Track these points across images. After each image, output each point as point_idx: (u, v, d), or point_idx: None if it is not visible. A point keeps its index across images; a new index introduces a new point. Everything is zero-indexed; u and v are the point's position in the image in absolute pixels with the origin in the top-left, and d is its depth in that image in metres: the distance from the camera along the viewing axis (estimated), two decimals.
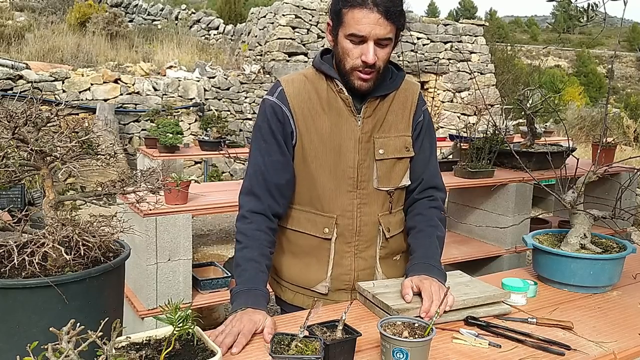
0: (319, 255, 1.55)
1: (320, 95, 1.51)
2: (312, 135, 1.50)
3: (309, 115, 1.50)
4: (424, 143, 1.62)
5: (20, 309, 0.97)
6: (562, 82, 14.28)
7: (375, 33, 1.36)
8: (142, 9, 12.92)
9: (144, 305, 2.70)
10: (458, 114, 10.68)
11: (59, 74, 7.31)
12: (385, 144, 1.53)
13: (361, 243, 1.56)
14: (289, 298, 1.62)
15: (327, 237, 1.53)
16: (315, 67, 1.54)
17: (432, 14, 45.68)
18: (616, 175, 4.00)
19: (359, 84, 1.45)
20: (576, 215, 1.68)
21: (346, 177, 1.51)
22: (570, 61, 33.80)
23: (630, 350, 1.28)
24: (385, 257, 1.60)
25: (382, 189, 1.55)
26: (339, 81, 1.48)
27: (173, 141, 5.05)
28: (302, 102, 1.50)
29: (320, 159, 1.51)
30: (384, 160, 1.54)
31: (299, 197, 1.55)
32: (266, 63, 9.37)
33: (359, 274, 1.57)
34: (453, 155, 4.17)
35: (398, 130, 1.56)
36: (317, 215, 1.53)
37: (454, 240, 3.98)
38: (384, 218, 1.57)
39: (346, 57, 1.42)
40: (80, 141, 1.08)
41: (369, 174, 1.53)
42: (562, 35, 14.54)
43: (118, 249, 1.16)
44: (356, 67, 1.42)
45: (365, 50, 1.39)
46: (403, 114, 1.57)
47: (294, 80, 1.53)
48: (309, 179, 1.52)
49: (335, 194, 1.52)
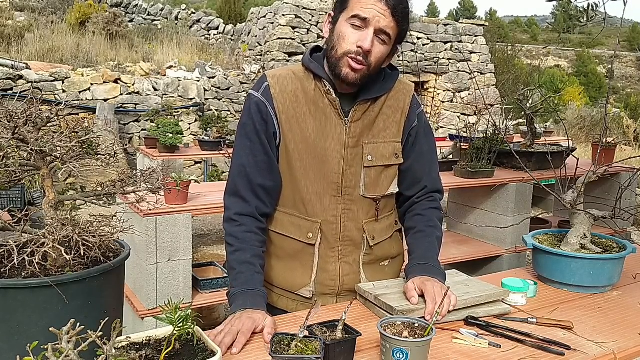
0: (303, 260, 1.52)
1: (307, 95, 1.46)
2: (296, 137, 1.46)
3: (293, 116, 1.45)
4: (423, 148, 1.58)
5: (20, 309, 0.97)
6: (562, 82, 14.27)
7: (378, 21, 1.34)
8: (142, 9, 12.92)
9: (144, 305, 2.70)
10: (458, 114, 10.68)
11: (59, 74, 7.31)
12: (374, 150, 1.49)
13: (345, 248, 1.52)
14: (273, 301, 1.57)
15: (310, 243, 1.49)
16: (305, 65, 1.48)
17: (432, 14, 45.68)
18: (616, 175, 4.00)
19: (346, 71, 1.38)
20: (576, 215, 1.68)
21: (330, 182, 1.47)
22: (570, 61, 33.80)
23: (630, 350, 1.28)
24: (369, 263, 1.57)
25: (368, 197, 1.51)
26: (327, 82, 1.44)
27: (173, 141, 5.05)
28: (288, 102, 1.45)
29: (305, 162, 1.46)
30: (373, 168, 1.49)
31: (284, 199, 1.52)
32: (266, 63, 9.37)
33: (344, 279, 1.53)
34: (453, 155, 4.17)
35: (387, 136, 1.51)
36: (302, 219, 1.50)
37: (454, 240, 3.98)
38: (368, 225, 1.53)
39: (341, 42, 1.37)
40: (80, 141, 1.08)
41: (355, 181, 1.49)
42: (562, 35, 14.54)
43: (118, 249, 1.16)
44: (349, 53, 1.36)
45: (363, 36, 1.35)
46: (394, 119, 1.52)
47: (281, 77, 1.48)
48: (293, 182, 1.48)
49: (320, 198, 1.48)
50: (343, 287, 1.54)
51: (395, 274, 1.65)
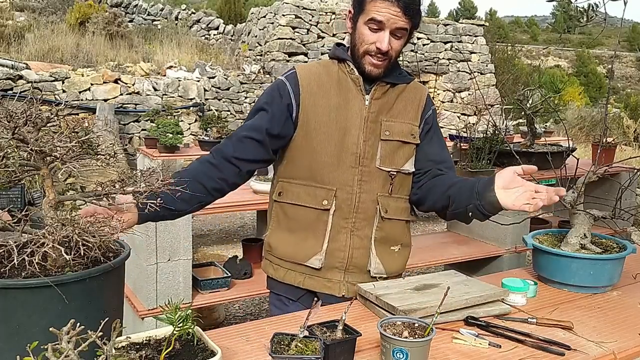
0: (315, 229, 1.57)
1: (331, 76, 1.59)
2: (318, 110, 1.55)
3: (317, 92, 1.56)
4: (438, 137, 1.68)
5: (20, 309, 0.97)
6: (562, 82, 14.25)
7: (393, 23, 1.46)
8: (142, 9, 12.92)
9: (144, 305, 2.70)
10: (458, 114, 10.68)
11: (59, 74, 7.31)
12: (391, 127, 1.58)
13: (358, 220, 1.57)
14: (280, 276, 1.64)
15: (325, 208, 1.55)
16: (330, 55, 1.63)
17: (432, 14, 45.68)
18: (616, 175, 4.00)
19: (369, 69, 1.53)
20: (576, 215, 1.69)
21: (349, 153, 1.55)
22: (570, 61, 33.81)
23: (630, 350, 1.29)
24: (381, 240, 1.60)
25: (384, 169, 1.57)
26: (350, 62, 1.56)
27: (173, 141, 5.05)
28: (313, 81, 1.57)
29: (325, 133, 1.55)
30: (389, 142, 1.57)
31: (299, 172, 1.58)
32: (266, 63, 9.37)
33: (354, 252, 1.57)
34: (453, 155, 4.17)
35: (406, 118, 1.61)
36: (317, 188, 1.56)
37: (454, 240, 3.98)
38: (382, 198, 1.58)
39: (362, 42, 1.51)
40: (80, 141, 1.08)
41: (373, 152, 1.56)
42: (562, 35, 14.53)
43: (118, 249, 1.16)
44: (369, 52, 1.50)
45: (380, 38, 1.47)
46: (412, 105, 1.63)
47: (308, 65, 1.65)
48: (310, 152, 1.55)
49: (337, 167, 1.55)
50: (352, 262, 1.57)
51: (402, 264, 1.67)
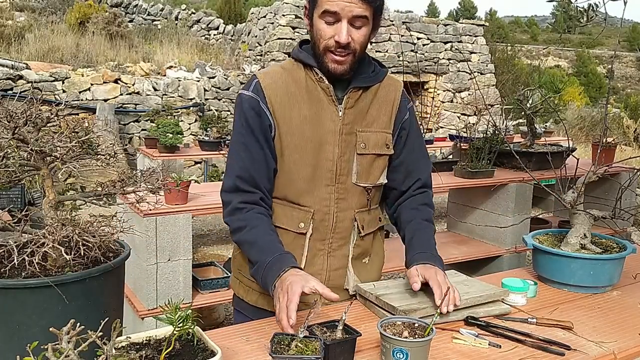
0: (292, 253, 1.47)
1: (299, 84, 1.45)
2: (290, 127, 1.44)
3: (287, 106, 1.44)
4: (415, 143, 1.59)
5: (20, 309, 0.97)
6: (562, 82, 14.26)
7: (349, 10, 1.33)
8: (142, 9, 12.92)
9: (144, 305, 2.70)
10: (458, 114, 10.68)
11: (59, 74, 7.30)
12: (366, 139, 1.49)
13: (335, 241, 1.51)
14: (252, 300, 1.54)
15: (302, 232, 1.47)
16: (294, 56, 1.49)
17: (432, 14, 45.66)
18: (616, 175, 4.00)
19: (333, 66, 1.40)
20: (576, 215, 1.68)
21: (325, 170, 1.46)
22: (570, 61, 33.79)
23: (630, 350, 1.28)
24: (357, 257, 1.56)
25: (360, 185, 1.50)
26: (317, 69, 1.44)
27: (173, 141, 5.05)
28: (279, 93, 1.44)
29: (299, 151, 1.44)
30: (365, 155, 1.49)
31: (276, 190, 1.49)
32: (266, 63, 9.37)
33: (331, 274, 1.52)
34: (453, 155, 4.17)
35: (379, 126, 1.52)
36: (294, 209, 1.48)
37: (454, 240, 3.98)
38: (360, 215, 1.52)
39: (320, 38, 1.38)
40: (80, 141, 1.08)
41: (349, 168, 1.48)
42: (562, 36, 14.53)
43: (118, 249, 1.16)
44: (329, 48, 1.37)
45: (338, 30, 1.35)
46: (386, 110, 1.53)
47: (270, 72, 1.49)
48: (287, 171, 1.46)
49: (313, 187, 1.46)
50: (329, 283, 1.49)
51: (376, 273, 1.63)
